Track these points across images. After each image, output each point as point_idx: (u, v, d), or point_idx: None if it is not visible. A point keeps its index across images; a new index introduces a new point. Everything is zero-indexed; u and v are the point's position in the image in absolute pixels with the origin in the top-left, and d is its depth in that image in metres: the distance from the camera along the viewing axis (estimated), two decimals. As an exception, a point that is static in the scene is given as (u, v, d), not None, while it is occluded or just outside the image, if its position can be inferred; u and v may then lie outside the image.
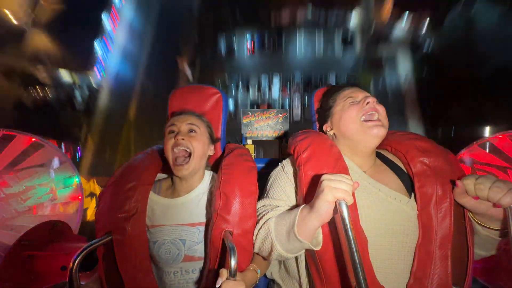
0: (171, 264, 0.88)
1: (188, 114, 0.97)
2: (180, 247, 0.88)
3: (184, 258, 0.88)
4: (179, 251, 0.88)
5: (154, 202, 0.94)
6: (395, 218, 0.76)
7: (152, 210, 0.92)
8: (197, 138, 0.92)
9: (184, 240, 0.88)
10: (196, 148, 0.90)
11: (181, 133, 0.90)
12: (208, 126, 1.01)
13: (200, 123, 0.96)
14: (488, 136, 1.52)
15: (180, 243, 0.88)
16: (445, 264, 0.71)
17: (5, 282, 1.06)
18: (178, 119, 0.94)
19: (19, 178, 1.74)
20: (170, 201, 0.94)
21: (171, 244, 0.88)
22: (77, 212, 1.87)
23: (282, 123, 1.55)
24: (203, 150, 0.93)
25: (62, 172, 1.87)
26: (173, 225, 0.90)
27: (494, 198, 0.62)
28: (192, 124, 0.93)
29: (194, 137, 0.91)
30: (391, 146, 0.93)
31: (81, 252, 0.72)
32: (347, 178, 0.63)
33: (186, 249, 0.88)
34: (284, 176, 0.89)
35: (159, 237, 0.89)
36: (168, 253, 0.87)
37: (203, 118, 1.00)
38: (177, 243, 0.88)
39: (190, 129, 0.92)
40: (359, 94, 0.89)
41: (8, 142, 1.72)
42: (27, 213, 1.73)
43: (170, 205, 0.93)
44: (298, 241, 0.67)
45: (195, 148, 0.89)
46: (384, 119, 0.84)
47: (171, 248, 0.88)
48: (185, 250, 0.88)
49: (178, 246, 0.88)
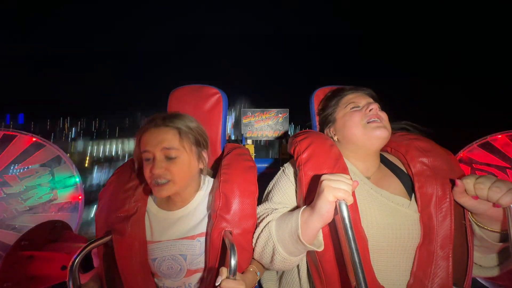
0: (174, 279, 0.84)
1: (161, 129, 0.80)
2: (182, 262, 0.83)
3: (186, 273, 0.84)
4: (181, 267, 0.83)
5: (152, 214, 0.88)
6: (398, 222, 0.76)
7: (150, 223, 0.87)
8: (178, 163, 0.79)
9: (185, 255, 0.83)
10: (177, 175, 0.78)
11: (157, 162, 0.76)
12: (194, 133, 0.85)
13: (180, 140, 0.80)
14: (488, 136, 1.52)
15: (181, 259, 0.83)
16: (446, 265, 0.71)
17: (5, 282, 1.06)
18: (150, 140, 0.78)
19: (19, 178, 1.74)
20: (168, 214, 0.87)
21: (172, 260, 0.83)
22: (77, 212, 1.87)
23: (282, 123, 1.55)
24: (189, 171, 0.82)
25: (62, 172, 1.87)
26: (172, 240, 0.84)
27: (493, 197, 0.62)
28: (168, 148, 0.78)
29: (173, 164, 0.78)
30: (391, 147, 0.93)
31: (81, 252, 0.72)
32: (347, 178, 0.63)
33: (188, 264, 0.83)
34: (285, 178, 0.88)
35: (158, 254, 0.84)
36: (170, 269, 0.83)
37: (182, 129, 0.82)
38: (177, 259, 0.83)
39: (167, 155, 0.78)
40: (361, 100, 0.89)
41: (9, 142, 1.72)
42: (27, 213, 1.73)
43: (168, 218, 0.87)
44: (302, 244, 0.66)
45: (175, 176, 0.78)
46: (387, 125, 0.84)
47: (173, 264, 0.83)
48: (187, 265, 0.83)
49: (180, 261, 0.83)
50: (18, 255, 1.11)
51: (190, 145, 0.83)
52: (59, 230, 1.29)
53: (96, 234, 0.84)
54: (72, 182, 1.90)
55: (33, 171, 1.80)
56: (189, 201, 0.88)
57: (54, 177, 1.85)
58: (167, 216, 0.87)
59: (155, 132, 0.80)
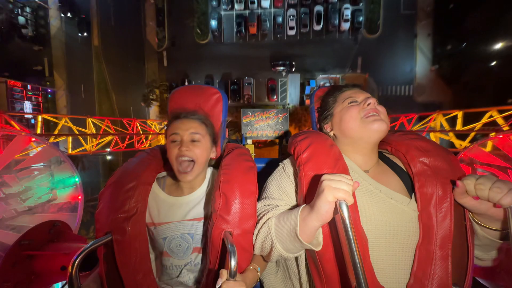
0: (182, 256, 0.92)
1: (190, 119, 0.96)
2: (189, 240, 0.92)
3: (193, 250, 0.93)
4: (189, 244, 0.92)
5: (160, 199, 0.95)
6: (396, 219, 0.76)
7: (158, 208, 0.94)
8: (200, 146, 0.92)
9: (192, 234, 0.92)
10: (200, 156, 0.92)
11: (184, 143, 0.90)
12: (211, 127, 1.00)
13: (203, 128, 0.96)
14: (488, 136, 1.52)
15: (189, 237, 0.92)
16: (446, 264, 0.71)
17: (5, 282, 1.06)
18: (180, 126, 0.93)
19: (18, 178, 1.74)
20: (176, 199, 0.95)
21: (180, 238, 0.92)
22: (77, 212, 1.87)
23: (282, 123, 1.54)
24: (207, 156, 0.96)
25: (62, 172, 1.87)
26: (181, 221, 0.93)
27: (494, 198, 0.61)
28: (195, 133, 0.92)
29: (197, 146, 0.92)
30: (391, 146, 0.93)
31: (81, 252, 0.72)
32: (347, 178, 0.63)
33: (194, 242, 0.92)
34: (285, 175, 0.89)
35: (168, 233, 0.92)
36: (179, 246, 0.92)
37: (206, 121, 0.99)
38: (185, 237, 0.92)
39: (193, 138, 0.92)
40: (360, 95, 0.88)
41: (8, 142, 1.72)
42: (27, 213, 1.72)
43: (176, 203, 0.95)
44: (299, 242, 0.67)
45: (198, 157, 0.91)
46: (386, 118, 0.84)
47: (181, 242, 0.92)
48: (194, 243, 0.92)
49: (187, 239, 0.92)
50: (17, 255, 1.11)
51: (209, 136, 0.98)
52: (58, 230, 1.29)
53: (96, 234, 0.84)
54: (72, 182, 1.90)
55: (33, 171, 1.79)
56: (196, 188, 0.97)
57: (54, 177, 1.85)
58: (175, 201, 0.96)
59: (185, 121, 0.95)
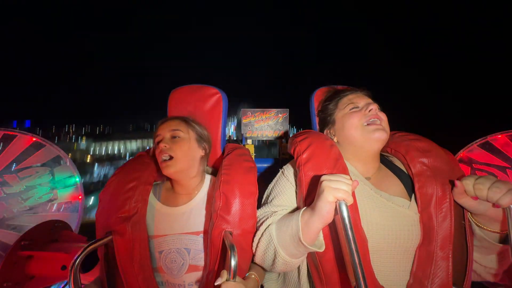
0: (176, 274, 0.88)
1: (172, 120, 0.98)
2: (185, 256, 0.89)
3: (188, 268, 0.88)
4: (184, 261, 0.89)
5: (156, 210, 0.93)
6: (398, 223, 0.76)
7: (154, 219, 0.92)
8: (179, 142, 0.93)
9: (189, 249, 0.89)
10: (178, 151, 0.91)
11: (164, 140, 0.93)
12: (197, 127, 1.01)
13: (184, 126, 0.97)
14: (488, 136, 1.52)
15: (185, 252, 0.89)
16: (446, 265, 0.71)
17: (5, 282, 1.06)
18: (162, 127, 0.96)
19: (19, 178, 1.74)
20: (173, 210, 0.93)
21: (176, 253, 0.89)
22: (77, 212, 1.87)
23: (282, 123, 1.55)
24: (189, 152, 0.94)
25: (62, 172, 1.87)
26: (177, 234, 0.90)
27: (493, 198, 0.62)
28: (175, 130, 0.94)
29: (176, 142, 0.93)
30: (391, 147, 0.93)
31: (81, 252, 0.72)
32: (346, 178, 0.63)
33: (190, 258, 0.89)
34: (285, 180, 0.88)
35: (164, 246, 0.89)
36: (174, 262, 0.88)
37: (189, 120, 1.01)
38: (182, 252, 0.89)
39: (173, 135, 0.94)
40: (361, 100, 0.89)
41: (9, 142, 1.72)
42: (27, 213, 1.73)
43: (173, 214, 0.93)
44: (303, 245, 0.66)
45: (176, 151, 0.91)
46: (386, 126, 0.84)
47: (176, 257, 0.89)
48: (190, 259, 0.89)
49: (183, 255, 0.89)
50: (18, 255, 1.11)
51: (192, 132, 0.98)
52: (59, 230, 1.29)
53: (97, 234, 0.84)
54: (72, 182, 1.89)
55: (33, 171, 1.79)
56: (192, 198, 0.95)
57: (54, 177, 1.85)
58: (171, 212, 0.93)
59: (167, 121, 0.98)
